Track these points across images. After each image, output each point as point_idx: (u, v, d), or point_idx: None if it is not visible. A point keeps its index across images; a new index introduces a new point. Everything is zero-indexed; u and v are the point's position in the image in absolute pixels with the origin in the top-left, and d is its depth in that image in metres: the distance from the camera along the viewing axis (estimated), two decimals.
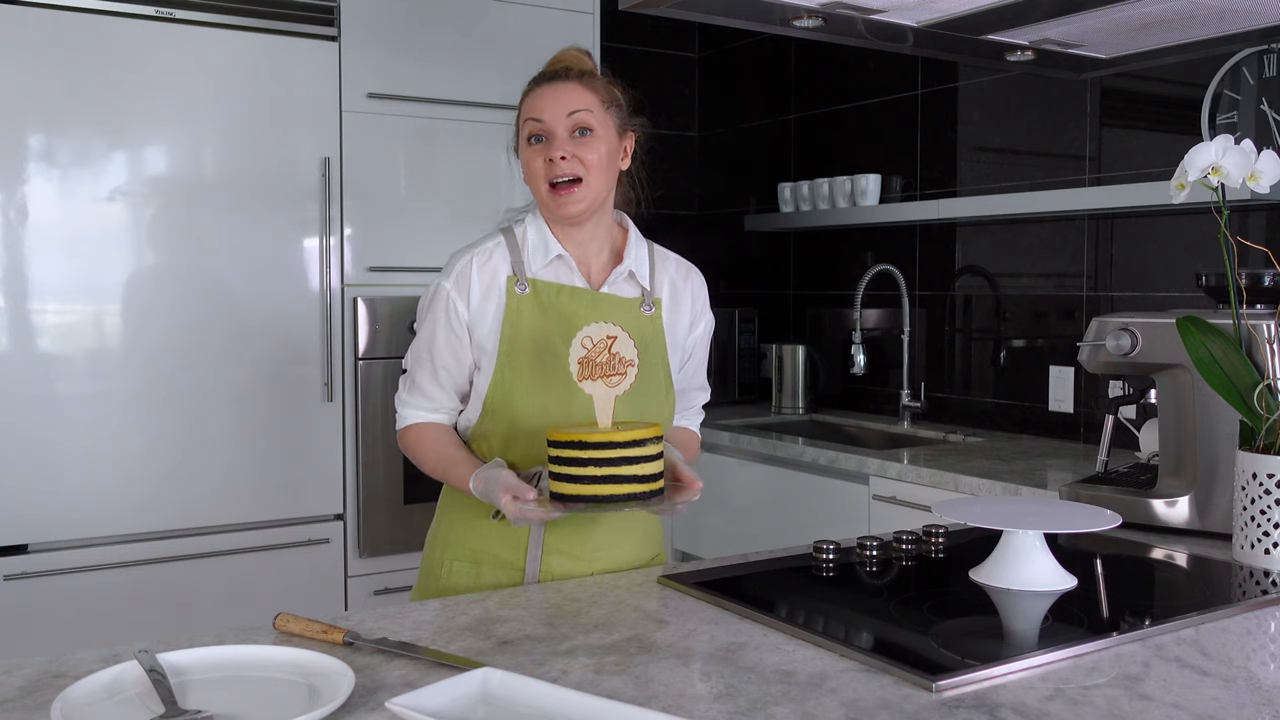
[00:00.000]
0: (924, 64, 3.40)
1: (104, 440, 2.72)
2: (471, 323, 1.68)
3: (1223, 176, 1.66)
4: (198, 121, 2.80)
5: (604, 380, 1.50)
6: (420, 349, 1.72)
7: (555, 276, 1.70)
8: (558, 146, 1.64)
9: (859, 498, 2.80)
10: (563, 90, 1.66)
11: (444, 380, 1.71)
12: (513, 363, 1.65)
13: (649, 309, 1.74)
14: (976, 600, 1.52)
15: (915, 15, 2.08)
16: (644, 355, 1.65)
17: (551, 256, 1.69)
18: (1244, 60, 2.57)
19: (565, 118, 1.65)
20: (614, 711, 1.04)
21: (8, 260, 2.61)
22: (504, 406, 1.65)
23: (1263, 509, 1.67)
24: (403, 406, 1.76)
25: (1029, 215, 3.03)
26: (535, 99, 1.68)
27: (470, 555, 1.70)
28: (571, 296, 1.68)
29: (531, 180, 1.68)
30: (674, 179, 4.30)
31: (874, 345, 3.56)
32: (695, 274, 1.85)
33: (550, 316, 1.66)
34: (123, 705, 1.10)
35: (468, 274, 1.68)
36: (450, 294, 1.68)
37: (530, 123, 1.66)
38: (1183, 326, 1.76)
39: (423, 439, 1.73)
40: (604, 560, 1.70)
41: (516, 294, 1.67)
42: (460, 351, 1.69)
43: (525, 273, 1.68)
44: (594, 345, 1.50)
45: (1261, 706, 1.13)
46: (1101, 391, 2.88)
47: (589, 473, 1.44)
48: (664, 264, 1.81)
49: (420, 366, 1.72)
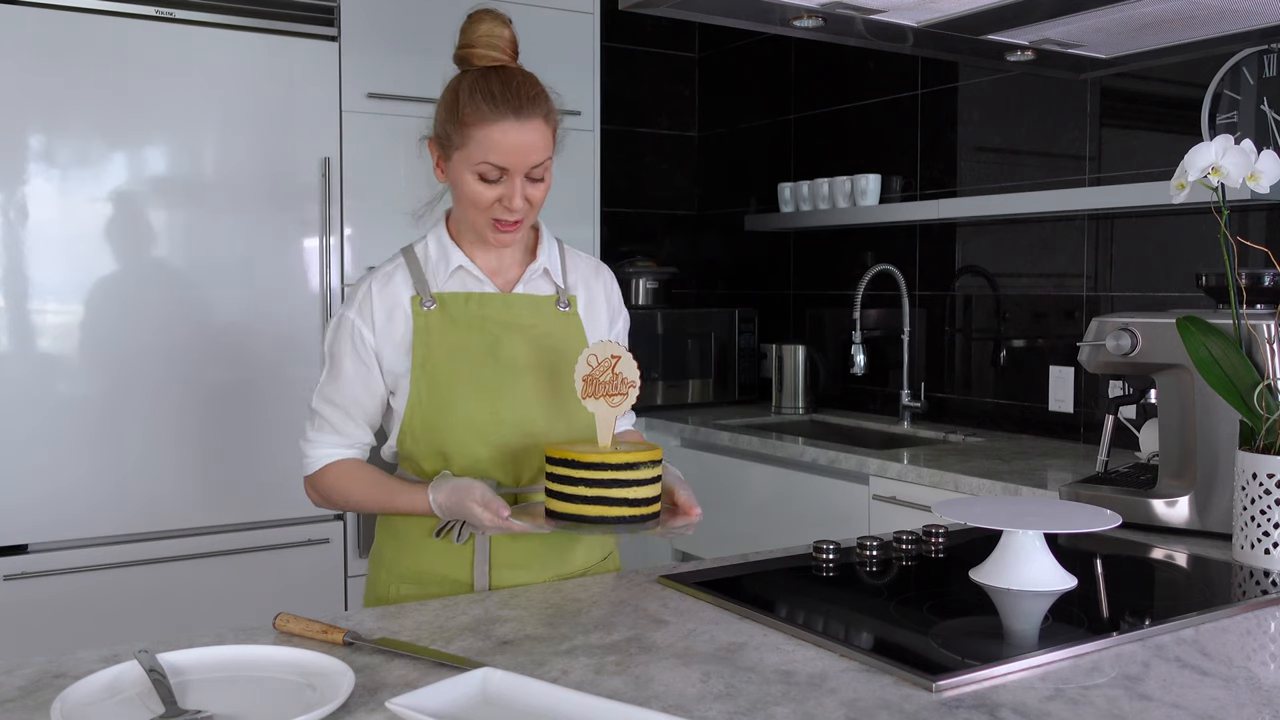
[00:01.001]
0: (924, 64, 3.40)
1: (103, 440, 2.72)
2: (379, 348, 1.63)
3: (1223, 176, 1.66)
4: (198, 121, 2.80)
5: (606, 399, 1.50)
6: (328, 384, 1.66)
7: (462, 286, 1.65)
8: (516, 193, 1.57)
9: (859, 498, 2.80)
10: (531, 133, 1.56)
11: (356, 414, 1.66)
12: (430, 381, 1.61)
13: (564, 306, 1.70)
14: (976, 600, 1.52)
15: (915, 15, 2.08)
16: (565, 355, 1.64)
17: (453, 268, 1.64)
18: (1244, 60, 2.57)
19: (529, 167, 1.57)
20: (614, 711, 1.04)
21: (8, 260, 2.61)
22: (425, 426, 1.61)
23: (1263, 509, 1.67)
24: (313, 447, 1.68)
25: (1029, 215, 3.03)
26: (500, 136, 1.54)
27: (416, 575, 1.65)
28: (481, 303, 1.64)
29: (471, 208, 1.59)
30: (674, 179, 4.30)
31: (874, 345, 3.56)
32: (606, 270, 1.80)
33: (463, 327, 1.63)
34: (123, 705, 1.10)
35: (369, 299, 1.63)
36: (354, 322, 1.63)
37: (488, 166, 1.55)
38: (1183, 326, 1.76)
39: (347, 474, 1.66)
40: (554, 568, 1.67)
41: (423, 312, 1.62)
42: (370, 381, 1.64)
43: (430, 289, 1.64)
44: (599, 364, 1.50)
45: (1261, 706, 1.13)
46: (1101, 391, 2.88)
47: (580, 492, 1.44)
48: (575, 261, 1.76)
49: (329, 402, 1.66)
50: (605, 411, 1.50)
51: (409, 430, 1.63)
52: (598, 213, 3.46)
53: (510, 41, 1.63)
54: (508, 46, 1.62)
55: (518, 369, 1.63)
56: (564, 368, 1.63)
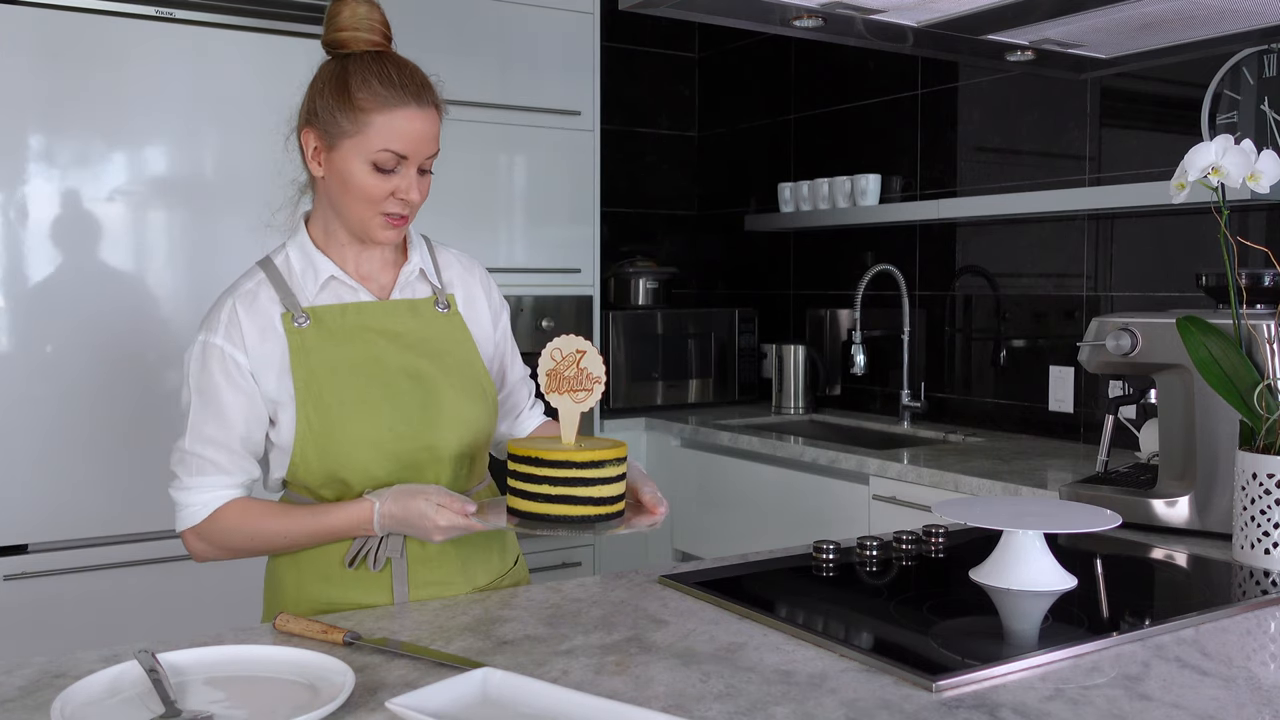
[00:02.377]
0: (924, 64, 3.40)
1: (104, 440, 2.71)
2: (255, 372, 1.50)
3: (1223, 176, 1.66)
4: (197, 121, 2.80)
5: (570, 395, 1.44)
6: (204, 422, 1.50)
7: (336, 298, 1.55)
8: (411, 186, 1.50)
9: (859, 498, 2.80)
10: (428, 122, 1.50)
11: (239, 449, 1.51)
12: (317, 403, 1.50)
13: (444, 307, 1.62)
14: (976, 600, 1.52)
15: (915, 15, 2.08)
16: (453, 357, 1.59)
17: (324, 279, 1.54)
18: (1244, 60, 2.57)
19: (425, 157, 1.52)
20: (614, 711, 1.04)
21: (8, 260, 2.61)
22: (319, 452, 1.50)
23: (1263, 509, 1.67)
24: (192, 494, 1.51)
25: (1029, 215, 3.03)
26: (403, 123, 1.48)
27: (326, 606, 1.53)
28: (359, 312, 1.55)
29: (359, 202, 1.50)
30: (674, 179, 4.30)
31: (874, 345, 3.55)
32: (479, 267, 1.73)
33: (343, 341, 1.52)
34: (123, 705, 1.10)
35: (236, 320, 1.50)
36: (223, 348, 1.49)
37: (387, 154, 1.47)
38: (1183, 326, 1.76)
39: (249, 510, 1.51)
40: (473, 580, 1.61)
41: (297, 329, 1.51)
42: (254, 409, 1.50)
43: (300, 304, 1.53)
44: (562, 358, 1.44)
45: (1261, 706, 1.13)
46: (1101, 391, 2.88)
47: (545, 490, 1.40)
48: (447, 259, 1.69)
49: (208, 442, 1.50)
50: (570, 407, 1.45)
51: (300, 460, 1.51)
52: (598, 213, 3.46)
53: (385, 24, 1.56)
54: (384, 29, 1.55)
55: (408, 379, 1.55)
56: (454, 372, 1.58)
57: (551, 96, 3.36)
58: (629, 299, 3.85)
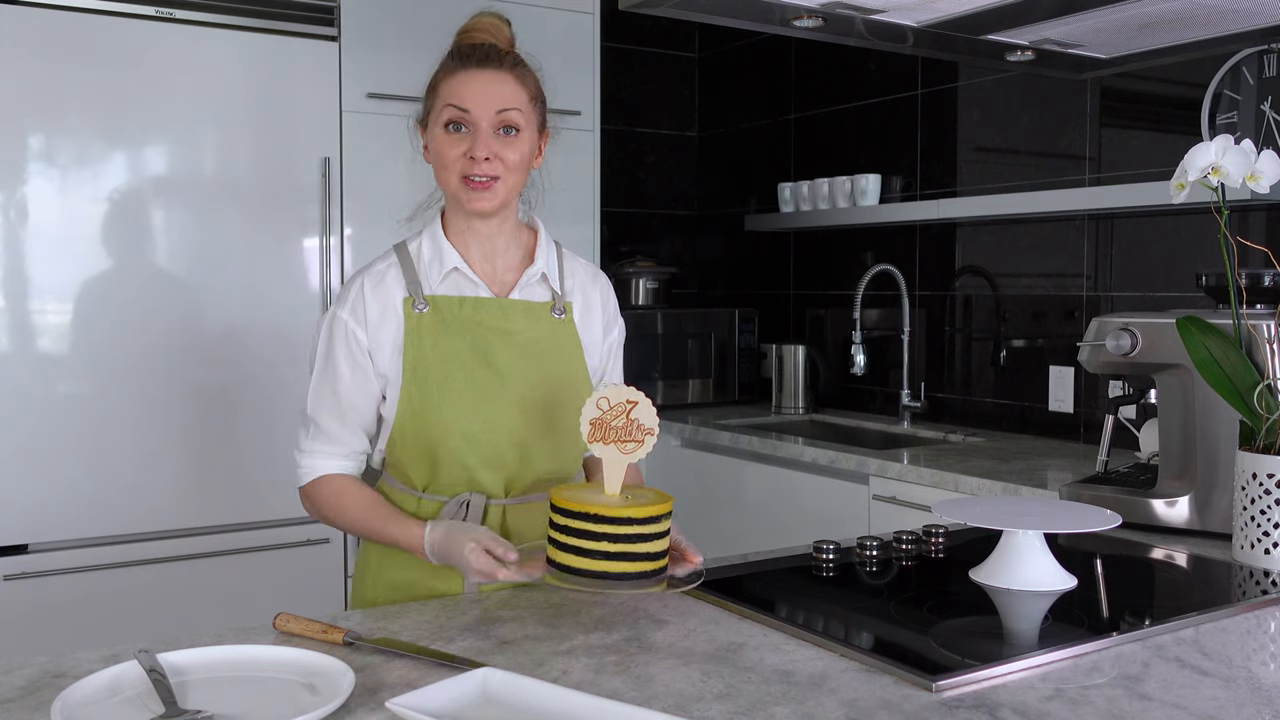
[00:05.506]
0: (924, 64, 3.40)
1: (104, 440, 2.71)
2: (372, 349, 1.58)
3: (1223, 176, 1.66)
4: (198, 121, 2.80)
5: (618, 445, 1.40)
6: (323, 389, 1.59)
7: (456, 290, 1.60)
8: (482, 144, 1.53)
9: (859, 498, 2.80)
10: (494, 81, 1.54)
11: (352, 421, 1.60)
12: (420, 385, 1.56)
13: (560, 314, 1.64)
14: (976, 600, 1.52)
15: (915, 15, 2.08)
16: (559, 363, 1.61)
17: (448, 270, 1.59)
18: (1244, 60, 2.57)
19: (494, 114, 1.53)
20: (614, 711, 1.04)
21: (8, 260, 2.61)
22: (415, 433, 1.56)
23: (1263, 509, 1.67)
24: (307, 456, 1.61)
25: (1029, 215, 3.03)
26: (461, 83, 1.54)
27: (405, 585, 1.60)
28: (476, 307, 1.59)
29: (442, 169, 1.56)
30: (674, 179, 4.30)
31: (874, 345, 3.56)
32: (603, 278, 1.76)
33: (455, 332, 1.57)
34: (123, 705, 1.10)
35: (362, 298, 1.58)
36: (347, 322, 1.58)
37: (451, 109, 1.53)
38: (1183, 326, 1.76)
39: (344, 494, 1.59)
40: None
41: (415, 314, 1.57)
42: (367, 384, 1.58)
43: (423, 291, 1.59)
44: (610, 408, 1.40)
45: (1261, 706, 1.13)
46: (1101, 391, 2.88)
47: (602, 548, 1.33)
48: (573, 267, 1.71)
49: (324, 408, 1.59)
50: (616, 457, 1.40)
51: (399, 437, 1.58)
52: (598, 213, 3.46)
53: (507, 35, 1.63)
54: (500, 35, 1.62)
55: (511, 377, 1.58)
56: (558, 377, 1.59)
57: (551, 96, 3.33)
58: (629, 299, 3.85)
